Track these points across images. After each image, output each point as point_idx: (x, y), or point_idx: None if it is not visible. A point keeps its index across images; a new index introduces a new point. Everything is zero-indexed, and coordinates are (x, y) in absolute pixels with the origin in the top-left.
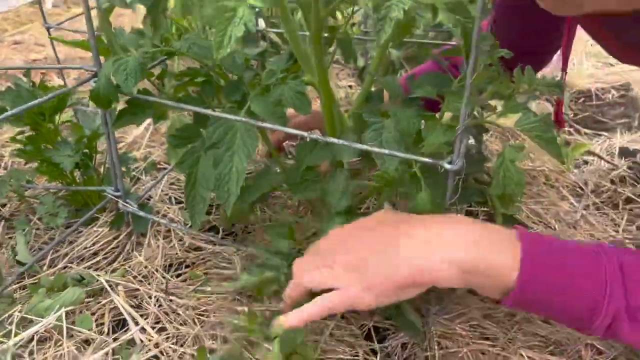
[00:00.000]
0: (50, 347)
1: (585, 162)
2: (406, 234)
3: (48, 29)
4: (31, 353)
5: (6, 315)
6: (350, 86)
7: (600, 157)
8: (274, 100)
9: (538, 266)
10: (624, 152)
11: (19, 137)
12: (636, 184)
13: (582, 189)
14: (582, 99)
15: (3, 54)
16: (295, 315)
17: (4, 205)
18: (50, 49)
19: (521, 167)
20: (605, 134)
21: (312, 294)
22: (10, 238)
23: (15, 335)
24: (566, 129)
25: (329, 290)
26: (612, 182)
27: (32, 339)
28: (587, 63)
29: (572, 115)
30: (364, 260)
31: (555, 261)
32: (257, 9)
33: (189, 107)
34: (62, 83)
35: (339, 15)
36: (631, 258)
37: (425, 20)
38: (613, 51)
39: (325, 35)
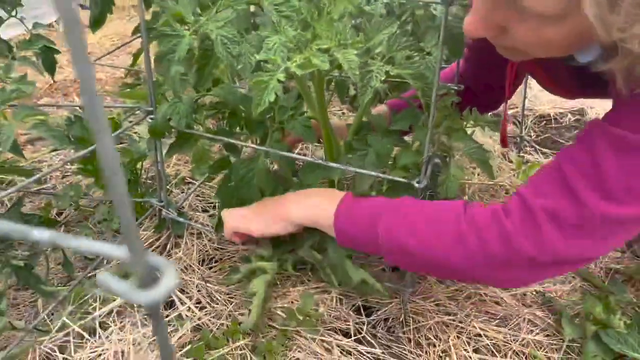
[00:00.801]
0: (125, 317)
1: None
2: (285, 196)
3: None
4: (113, 321)
5: (90, 294)
6: (343, 112)
7: None
8: (286, 147)
9: (346, 204)
10: None
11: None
12: None
13: None
14: (543, 122)
15: (23, 73)
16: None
17: (61, 213)
18: (68, 70)
19: (486, 182)
20: None
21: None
22: None
23: (99, 309)
24: (528, 148)
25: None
26: None
27: (111, 312)
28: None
29: (534, 136)
30: (264, 210)
31: (361, 203)
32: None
33: (224, 139)
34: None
35: None
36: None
37: None
38: (545, 86)
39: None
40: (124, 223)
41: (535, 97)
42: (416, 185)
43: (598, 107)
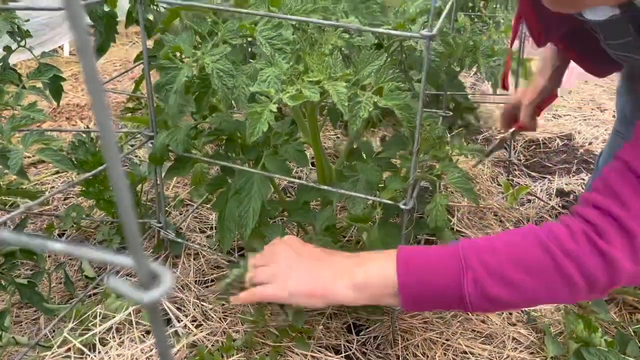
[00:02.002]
0: (124, 333)
1: (529, 201)
2: (323, 259)
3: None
4: (112, 337)
5: (90, 312)
6: (337, 136)
7: (539, 198)
8: (281, 160)
9: (409, 266)
10: (560, 193)
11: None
12: None
13: (524, 223)
14: (532, 146)
15: (31, 99)
16: (236, 297)
17: (63, 234)
18: (73, 94)
19: (474, 205)
20: (549, 176)
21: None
22: (70, 259)
23: (99, 325)
24: (517, 172)
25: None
26: (550, 217)
27: (111, 328)
28: None
29: (523, 160)
30: (289, 269)
31: (422, 260)
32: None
33: (221, 163)
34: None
35: None
36: (480, 241)
37: None
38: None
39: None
40: (129, 234)
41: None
42: (402, 207)
43: (585, 133)
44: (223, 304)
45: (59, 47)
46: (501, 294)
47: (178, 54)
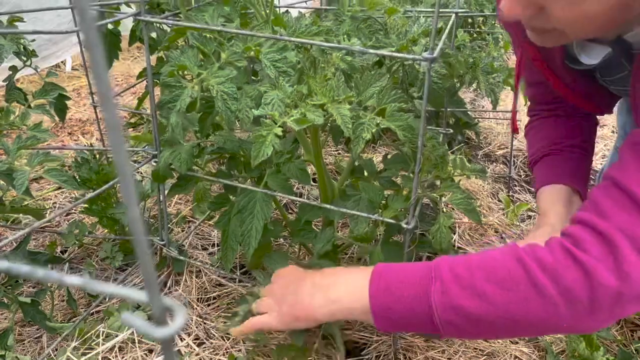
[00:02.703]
0: (127, 352)
1: (529, 217)
2: (304, 281)
3: (95, 107)
4: (115, 357)
5: (93, 331)
6: (339, 153)
7: (538, 213)
8: (283, 178)
9: (382, 278)
10: None
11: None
12: None
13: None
14: None
15: (36, 117)
16: (237, 329)
17: (65, 251)
18: (75, 109)
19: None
20: None
21: None
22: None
23: (102, 345)
24: (517, 187)
25: None
26: None
27: (113, 347)
28: None
29: (523, 175)
30: (282, 298)
31: (395, 272)
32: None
33: (223, 181)
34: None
35: None
36: (457, 257)
37: None
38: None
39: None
40: (144, 271)
41: (524, 138)
42: (405, 226)
43: None
44: (224, 322)
45: (62, 62)
46: (470, 306)
47: (181, 72)
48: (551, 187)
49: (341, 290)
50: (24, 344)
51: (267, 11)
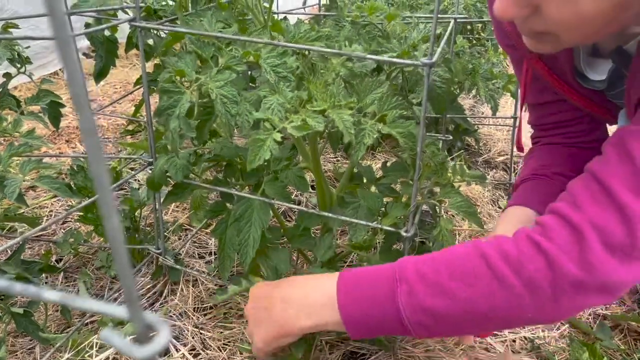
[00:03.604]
0: None
1: None
2: (274, 297)
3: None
4: None
5: (87, 342)
6: (337, 159)
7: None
8: (281, 185)
9: (348, 284)
10: None
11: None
12: None
13: None
14: None
15: (30, 124)
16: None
17: (60, 260)
18: (72, 117)
19: (476, 229)
20: None
21: None
22: (67, 286)
23: (96, 356)
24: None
25: None
26: None
27: (108, 359)
28: None
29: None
30: (257, 322)
31: (361, 277)
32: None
33: (220, 189)
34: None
35: None
36: (420, 256)
37: None
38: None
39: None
40: (125, 286)
41: (525, 144)
42: (404, 234)
43: None
44: (221, 332)
45: (59, 69)
46: (437, 305)
47: (179, 78)
48: (515, 209)
49: (312, 305)
50: (16, 355)
51: (265, 17)
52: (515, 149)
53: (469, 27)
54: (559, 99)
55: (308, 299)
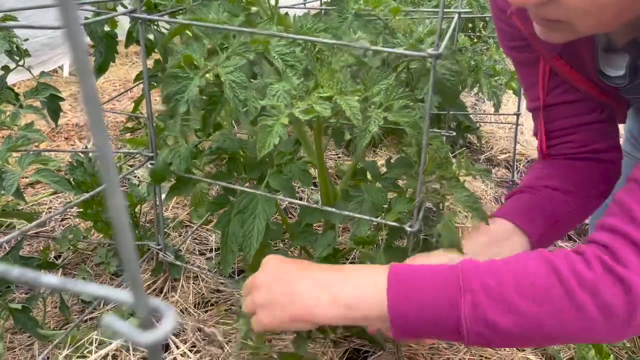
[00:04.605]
0: None
1: None
2: (301, 277)
3: None
4: None
5: (86, 338)
6: (339, 156)
7: None
8: (285, 178)
9: (400, 282)
10: None
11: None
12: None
13: None
14: None
15: (29, 119)
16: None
17: (59, 256)
18: (71, 114)
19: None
20: None
21: None
22: None
23: (95, 352)
24: None
25: None
26: None
27: (107, 355)
28: None
29: None
30: (271, 294)
31: (416, 277)
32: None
33: (222, 183)
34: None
35: None
36: (482, 263)
37: None
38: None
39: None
40: (128, 269)
41: (527, 142)
42: (408, 229)
43: None
44: (223, 328)
45: (59, 67)
46: (501, 320)
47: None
48: (493, 219)
49: (353, 293)
50: (14, 351)
51: (272, 9)
52: (517, 146)
53: (470, 24)
54: (563, 102)
55: (348, 286)
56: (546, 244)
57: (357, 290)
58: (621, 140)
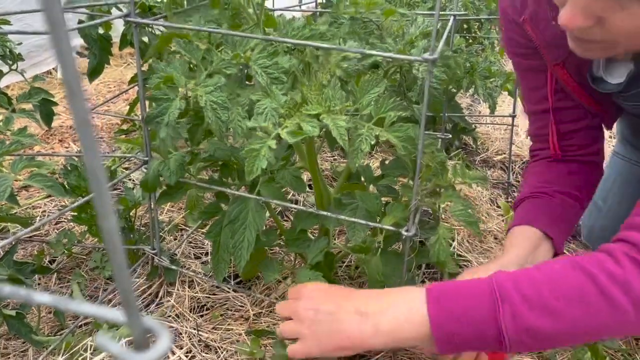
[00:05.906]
0: None
1: None
2: (342, 306)
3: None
4: None
5: (81, 344)
6: (335, 158)
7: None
8: (277, 186)
9: (441, 305)
10: None
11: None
12: None
13: None
14: None
15: (22, 123)
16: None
17: (53, 261)
18: (65, 116)
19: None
20: None
21: None
22: (61, 287)
23: (90, 359)
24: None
25: None
26: None
27: None
28: None
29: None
30: (313, 324)
31: (453, 297)
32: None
33: (215, 188)
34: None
35: None
36: (514, 272)
37: None
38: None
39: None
40: (122, 289)
41: (522, 143)
42: (405, 233)
43: None
44: (218, 334)
45: (53, 68)
46: (541, 326)
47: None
48: (521, 228)
49: (394, 319)
50: (9, 357)
51: (258, 13)
52: (512, 148)
53: (465, 25)
54: (564, 107)
55: (389, 313)
56: (562, 248)
57: (397, 317)
58: (613, 142)
